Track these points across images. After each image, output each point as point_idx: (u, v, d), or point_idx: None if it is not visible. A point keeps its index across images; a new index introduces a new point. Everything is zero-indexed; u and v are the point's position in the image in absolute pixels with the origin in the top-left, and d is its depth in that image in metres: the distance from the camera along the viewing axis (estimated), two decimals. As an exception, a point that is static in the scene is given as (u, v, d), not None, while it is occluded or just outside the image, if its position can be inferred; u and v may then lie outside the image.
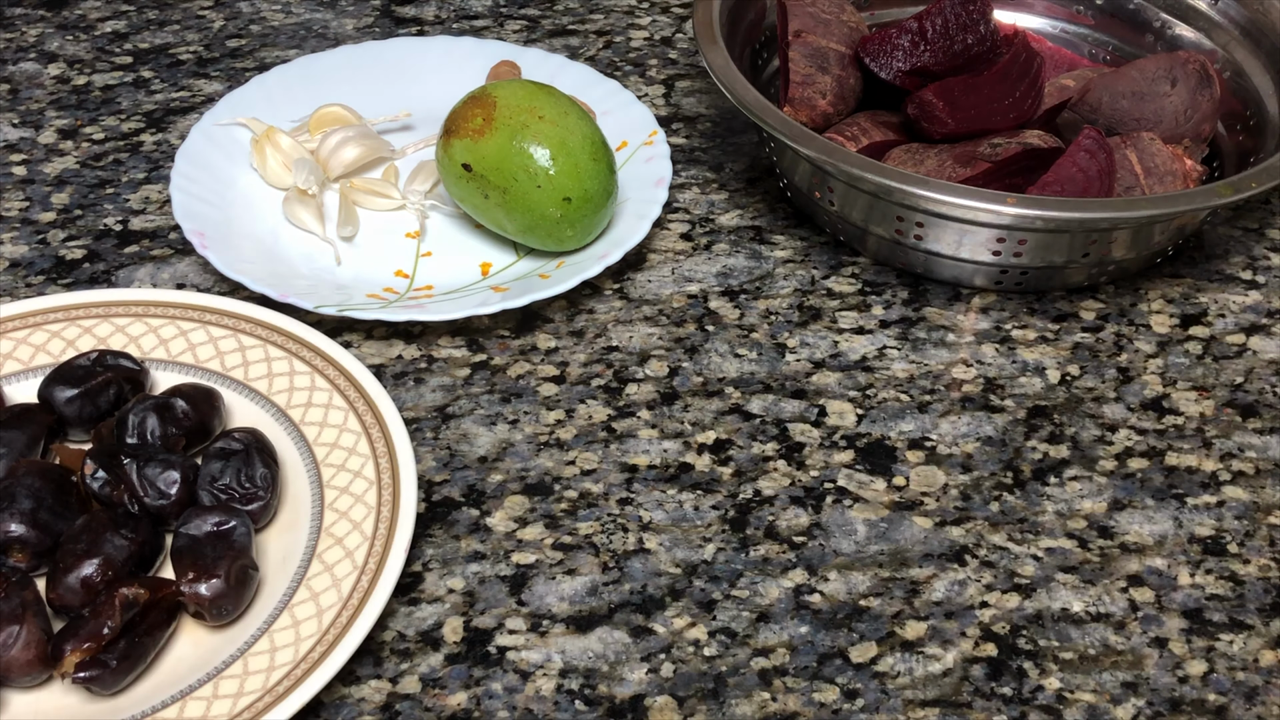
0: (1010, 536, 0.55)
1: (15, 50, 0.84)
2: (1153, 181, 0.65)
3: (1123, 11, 0.79)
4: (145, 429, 0.54)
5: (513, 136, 0.63)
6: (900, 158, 0.68)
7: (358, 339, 0.64)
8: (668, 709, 0.49)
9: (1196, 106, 0.69)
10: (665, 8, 0.90)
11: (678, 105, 0.80)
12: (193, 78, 0.81)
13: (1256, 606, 0.53)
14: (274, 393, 0.58)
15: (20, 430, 0.54)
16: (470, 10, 0.88)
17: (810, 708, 0.49)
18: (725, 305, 0.66)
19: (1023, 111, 0.69)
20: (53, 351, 0.59)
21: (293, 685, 0.46)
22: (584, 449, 0.59)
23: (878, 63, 0.70)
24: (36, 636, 0.47)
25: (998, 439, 0.60)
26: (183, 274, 0.67)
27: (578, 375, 0.62)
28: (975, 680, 0.50)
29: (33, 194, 0.72)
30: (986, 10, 0.70)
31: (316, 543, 0.52)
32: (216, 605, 0.49)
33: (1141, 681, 0.50)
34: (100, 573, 0.49)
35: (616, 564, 0.54)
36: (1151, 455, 0.59)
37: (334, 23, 0.87)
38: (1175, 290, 0.68)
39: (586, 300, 0.66)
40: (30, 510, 0.50)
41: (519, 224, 0.65)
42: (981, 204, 0.60)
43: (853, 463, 0.58)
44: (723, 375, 0.62)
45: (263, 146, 0.70)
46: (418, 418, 0.60)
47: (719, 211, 0.72)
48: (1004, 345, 0.64)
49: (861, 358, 0.64)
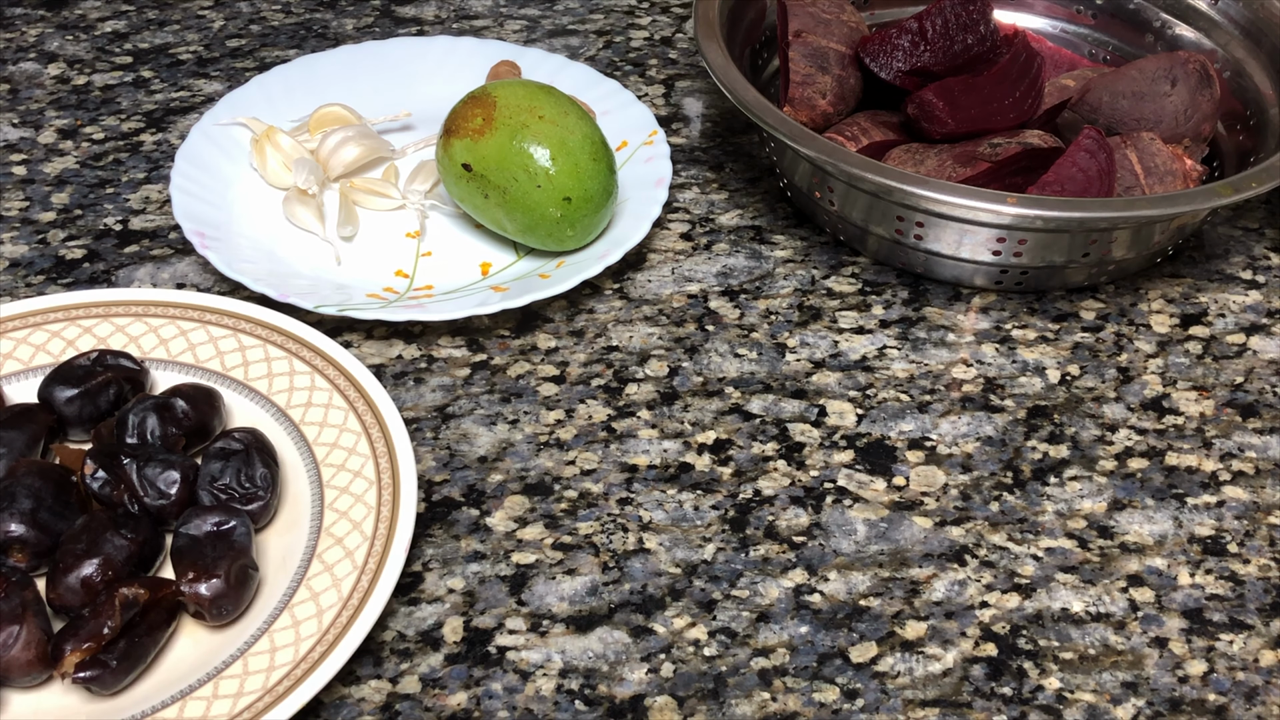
0: (1010, 536, 0.55)
1: (15, 50, 0.84)
2: (1153, 181, 0.65)
3: (1123, 11, 0.79)
4: (145, 429, 0.54)
5: (513, 136, 0.63)
6: (900, 158, 0.68)
7: (358, 339, 0.64)
8: (668, 709, 0.49)
9: (1196, 106, 0.69)
10: (665, 8, 0.90)
11: (678, 105, 0.80)
12: (193, 78, 0.81)
13: (1256, 606, 0.53)
14: (274, 393, 0.58)
15: (20, 430, 0.54)
16: (470, 10, 0.88)
17: (810, 708, 0.49)
18: (725, 305, 0.66)
19: (1023, 111, 0.69)
20: (53, 351, 0.59)
21: (293, 685, 0.46)
22: (584, 449, 0.59)
23: (878, 63, 0.70)
24: (36, 636, 0.47)
25: (998, 439, 0.60)
26: (183, 274, 0.67)
27: (578, 375, 0.62)
28: (975, 680, 0.50)
29: (33, 194, 0.72)
30: (986, 10, 0.70)
31: (316, 543, 0.52)
32: (216, 605, 0.49)
33: (1141, 681, 0.50)
34: (100, 573, 0.49)
35: (616, 564, 0.54)
36: (1151, 455, 0.59)
37: (334, 23, 0.87)
38: (1175, 290, 0.68)
39: (586, 300, 0.66)
40: (30, 510, 0.50)
41: (519, 224, 0.65)
42: (981, 204, 0.60)
43: (853, 463, 0.58)
44: (723, 375, 0.62)
45: (263, 146, 0.70)
46: (418, 418, 0.60)
47: (719, 211, 0.72)
48: (1004, 345, 0.64)
49: (861, 358, 0.64)
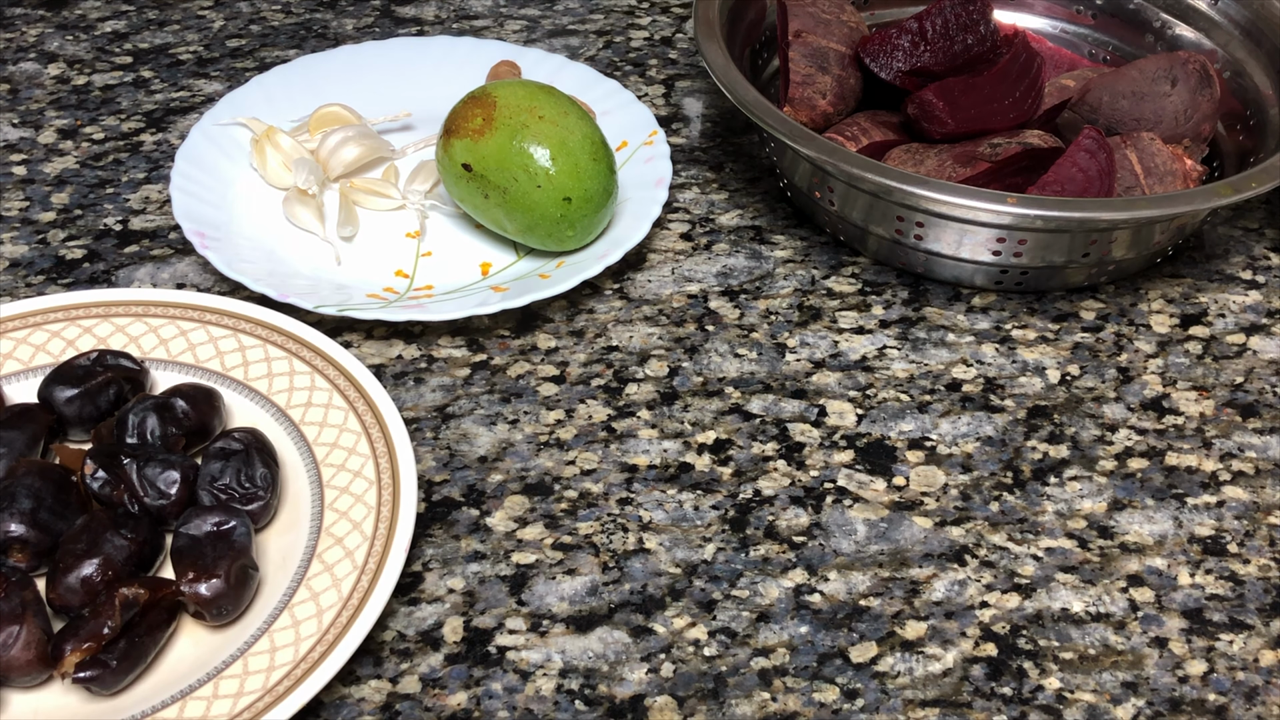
0: (1010, 536, 0.55)
1: (15, 50, 0.84)
2: (1153, 181, 0.65)
3: (1123, 11, 0.79)
4: (145, 429, 0.54)
5: (513, 136, 0.63)
6: (900, 158, 0.68)
7: (358, 339, 0.64)
8: (668, 709, 0.49)
9: (1196, 106, 0.69)
10: (665, 8, 0.90)
11: (678, 105, 0.80)
12: (193, 78, 0.81)
13: (1256, 606, 0.53)
14: (274, 393, 0.58)
15: (20, 430, 0.54)
16: (470, 10, 0.88)
17: (810, 708, 0.49)
18: (725, 305, 0.66)
19: (1023, 111, 0.69)
20: (53, 351, 0.59)
21: (293, 685, 0.46)
22: (584, 449, 0.59)
23: (878, 63, 0.70)
24: (36, 636, 0.47)
25: (998, 439, 0.60)
26: (183, 274, 0.67)
27: (578, 375, 0.62)
28: (975, 680, 0.50)
29: (33, 194, 0.72)
30: (986, 10, 0.70)
31: (316, 543, 0.52)
32: (216, 605, 0.49)
33: (1141, 681, 0.50)
34: (100, 573, 0.49)
35: (616, 564, 0.54)
36: (1151, 455, 0.59)
37: (334, 23, 0.87)
38: (1175, 290, 0.68)
39: (586, 300, 0.66)
40: (30, 510, 0.50)
41: (519, 224, 0.65)
42: (981, 204, 0.60)
43: (853, 463, 0.58)
44: (723, 375, 0.62)
45: (263, 146, 0.70)
46: (418, 418, 0.60)
47: (719, 211, 0.72)
48: (1004, 345, 0.64)
49: (861, 358, 0.64)
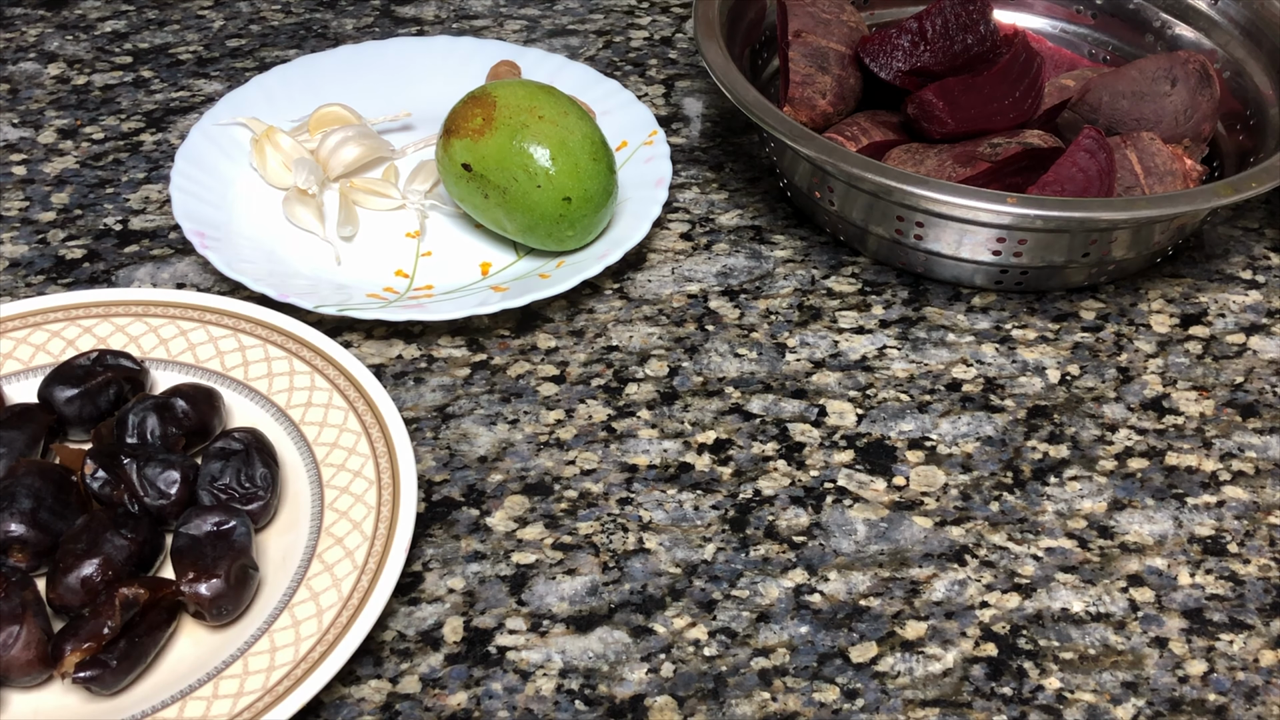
0: (1010, 536, 0.55)
1: (15, 50, 0.84)
2: (1153, 181, 0.65)
3: (1123, 11, 0.79)
4: (145, 429, 0.54)
5: (512, 136, 0.63)
6: (900, 158, 0.67)
7: (358, 339, 0.64)
8: (668, 709, 0.49)
9: (1196, 106, 0.69)
10: (665, 8, 0.90)
11: (678, 105, 0.80)
12: (193, 78, 0.81)
13: (1256, 606, 0.53)
14: (274, 393, 0.58)
15: (20, 430, 0.54)
16: (470, 10, 0.88)
17: (810, 708, 0.49)
18: (725, 305, 0.66)
19: (1023, 111, 0.69)
20: (53, 351, 0.59)
21: (293, 685, 0.46)
22: (584, 449, 0.59)
23: (878, 63, 0.70)
24: (36, 636, 0.47)
25: (998, 439, 0.60)
26: (183, 274, 0.67)
27: (578, 375, 0.62)
28: (975, 680, 0.50)
29: (33, 194, 0.72)
30: (986, 10, 0.70)
31: (316, 542, 0.52)
32: (216, 605, 0.49)
33: (1141, 681, 0.50)
34: (100, 573, 0.49)
35: (616, 564, 0.54)
36: (1151, 455, 0.59)
37: (334, 23, 0.87)
38: (1175, 290, 0.68)
39: (586, 300, 0.66)
40: (30, 510, 0.50)
41: (519, 224, 0.65)
42: (981, 204, 0.60)
43: (853, 463, 0.58)
44: (723, 375, 0.62)
45: (263, 146, 0.70)
46: (418, 418, 0.60)
47: (719, 211, 0.72)
48: (1004, 345, 0.64)
49: (861, 357, 0.64)
